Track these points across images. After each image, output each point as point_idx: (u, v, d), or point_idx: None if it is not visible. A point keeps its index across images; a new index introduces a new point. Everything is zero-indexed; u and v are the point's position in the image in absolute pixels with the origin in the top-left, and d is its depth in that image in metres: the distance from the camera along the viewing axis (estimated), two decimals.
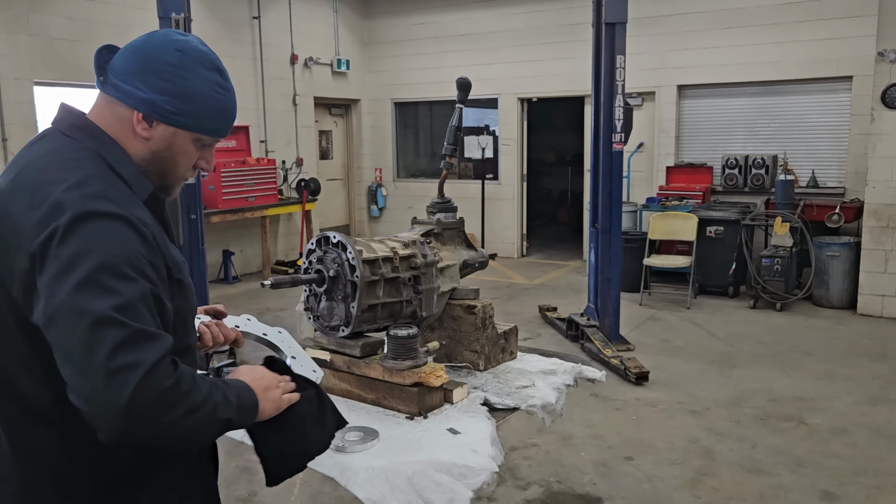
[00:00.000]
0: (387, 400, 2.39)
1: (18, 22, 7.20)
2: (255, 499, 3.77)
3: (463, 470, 2.00)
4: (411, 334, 2.36)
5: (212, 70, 1.45)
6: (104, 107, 1.44)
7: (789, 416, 4.80)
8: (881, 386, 5.33)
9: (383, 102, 11.70)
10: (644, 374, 5.39)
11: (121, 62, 1.41)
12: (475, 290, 2.83)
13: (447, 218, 2.87)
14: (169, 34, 1.44)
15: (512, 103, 10.61)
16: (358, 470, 1.99)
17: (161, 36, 1.44)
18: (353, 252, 2.34)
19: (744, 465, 4.10)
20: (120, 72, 1.41)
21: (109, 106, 1.43)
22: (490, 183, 10.70)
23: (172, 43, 1.41)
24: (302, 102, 10.48)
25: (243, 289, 8.89)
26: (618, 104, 6.06)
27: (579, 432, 4.53)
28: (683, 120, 9.39)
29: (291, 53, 10.25)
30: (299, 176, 10.25)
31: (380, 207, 11.89)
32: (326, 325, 2.47)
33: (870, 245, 7.26)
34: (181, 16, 5.50)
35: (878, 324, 7.01)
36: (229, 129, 1.52)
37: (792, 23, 8.44)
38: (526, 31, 10.27)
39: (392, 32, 11.42)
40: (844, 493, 3.79)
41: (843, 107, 8.36)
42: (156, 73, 1.39)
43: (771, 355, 6.07)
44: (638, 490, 3.86)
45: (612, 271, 6.28)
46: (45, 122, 7.37)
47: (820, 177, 8.54)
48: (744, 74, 8.81)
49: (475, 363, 2.74)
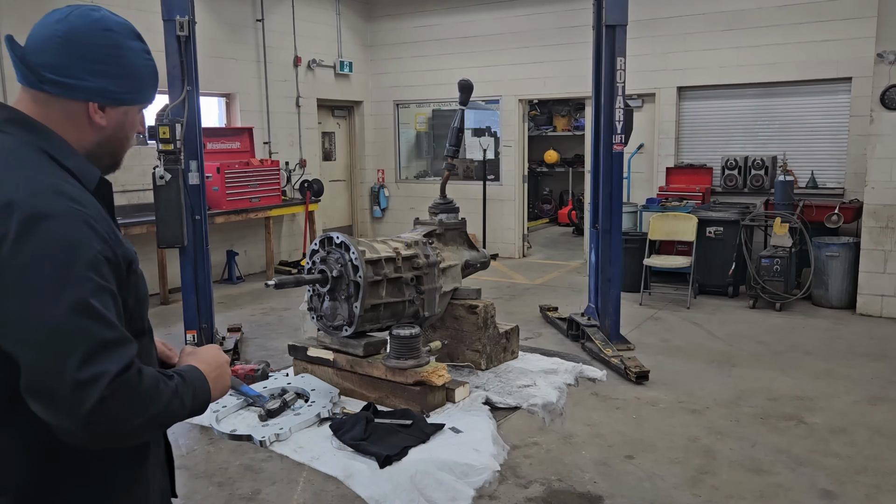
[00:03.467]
0: (389, 399, 2.42)
1: (24, 24, 7.20)
2: (258, 496, 3.80)
3: (465, 468, 2.01)
4: (414, 334, 2.39)
5: (136, 39, 1.44)
6: (41, 105, 1.37)
7: (789, 415, 4.82)
8: (880, 385, 5.36)
9: (386, 104, 11.74)
10: (644, 374, 5.43)
11: (52, 56, 1.34)
12: (477, 290, 2.86)
13: (449, 218, 2.90)
14: (85, 13, 1.38)
15: (513, 105, 10.64)
16: (360, 468, 2.01)
17: (79, 18, 1.37)
18: (356, 252, 2.37)
19: (744, 464, 4.13)
20: (56, 66, 1.34)
21: (49, 103, 1.36)
22: (491, 184, 10.73)
23: (98, 23, 1.37)
24: (305, 104, 10.52)
25: (247, 289, 8.93)
26: (618, 106, 6.08)
27: (580, 431, 4.56)
28: (683, 121, 9.41)
29: (295, 56, 10.29)
30: (302, 177, 10.28)
31: (382, 208, 11.93)
32: (330, 324, 2.51)
33: (869, 245, 7.28)
34: (185, 18, 5.52)
35: (878, 324, 7.04)
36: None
37: (791, 24, 8.47)
38: (527, 33, 10.29)
39: (394, 35, 11.45)
40: (844, 491, 3.82)
41: (843, 108, 8.38)
42: (97, 60, 1.36)
43: (770, 355, 6.10)
44: (638, 488, 3.88)
45: (612, 271, 6.31)
46: None
47: (819, 177, 8.57)
48: (743, 76, 8.84)
49: (477, 362, 2.77)
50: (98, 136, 1.41)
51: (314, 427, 2.22)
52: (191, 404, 1.36)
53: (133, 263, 1.36)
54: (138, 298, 1.39)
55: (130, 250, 1.37)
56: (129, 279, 1.34)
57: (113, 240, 1.30)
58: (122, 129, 1.45)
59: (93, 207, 1.30)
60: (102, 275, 1.24)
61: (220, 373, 1.51)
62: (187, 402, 1.34)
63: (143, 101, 1.47)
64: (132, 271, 1.36)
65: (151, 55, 1.48)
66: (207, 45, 8.17)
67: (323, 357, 2.57)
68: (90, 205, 1.30)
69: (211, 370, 1.47)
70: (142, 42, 1.46)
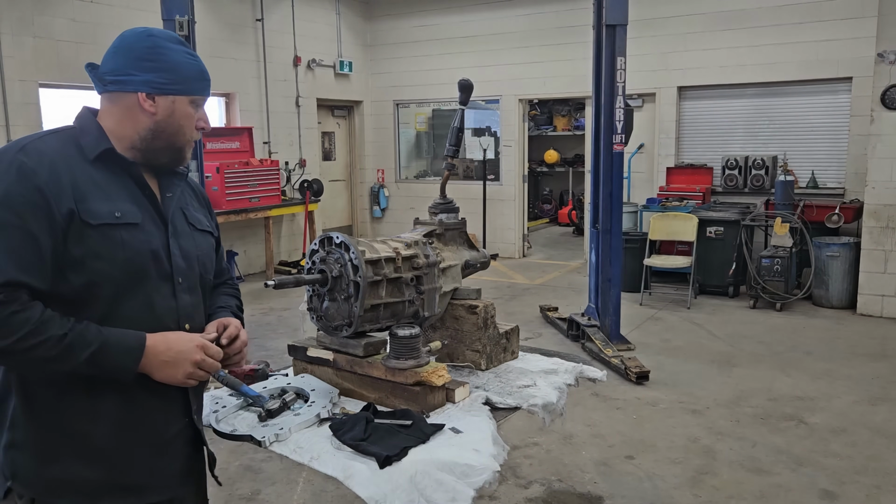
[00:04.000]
0: (389, 399, 2.41)
1: (23, 24, 7.24)
2: (258, 497, 3.80)
3: (465, 469, 2.01)
4: (413, 334, 2.38)
5: (178, 44, 1.72)
6: (109, 103, 1.70)
7: (789, 415, 4.82)
8: (881, 385, 5.35)
9: (385, 104, 11.73)
10: (644, 374, 5.42)
11: (108, 64, 1.68)
12: (477, 290, 2.85)
13: (449, 218, 2.89)
14: (134, 29, 1.71)
15: (513, 104, 10.63)
16: (360, 469, 2.01)
17: (129, 32, 1.70)
18: (356, 252, 2.36)
19: (744, 465, 4.12)
20: (112, 71, 1.66)
21: (113, 100, 1.68)
22: (491, 184, 10.73)
23: (142, 32, 1.69)
24: (305, 104, 10.52)
25: (247, 289, 8.91)
26: (618, 105, 6.08)
27: (580, 431, 4.55)
28: (683, 121, 9.41)
29: (294, 55, 10.28)
30: (302, 177, 10.28)
31: (382, 208, 11.92)
32: (329, 324, 2.50)
33: (869, 245, 7.28)
34: (185, 18, 5.54)
35: (878, 324, 7.04)
36: (210, 88, 1.78)
37: (791, 24, 8.46)
38: (527, 33, 10.29)
39: (394, 34, 11.45)
40: (844, 492, 3.82)
41: (843, 108, 8.38)
42: (141, 58, 1.66)
43: (771, 355, 6.09)
44: (638, 489, 3.88)
45: (612, 271, 6.30)
46: (50, 123, 7.43)
47: (819, 177, 8.57)
48: (744, 76, 8.84)
49: (477, 363, 2.76)
50: (151, 122, 1.68)
51: (314, 427, 2.22)
52: (86, 360, 1.52)
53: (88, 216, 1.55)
54: (97, 254, 1.56)
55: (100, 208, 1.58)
56: (72, 229, 1.53)
57: (55, 192, 1.52)
58: (172, 116, 1.69)
59: (46, 165, 1.54)
60: (17, 213, 1.49)
61: (172, 359, 1.62)
62: (79, 356, 1.51)
63: (189, 93, 1.71)
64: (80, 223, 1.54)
65: (196, 57, 1.75)
66: (207, 45, 8.18)
67: (322, 357, 2.56)
68: (45, 162, 1.55)
69: (161, 352, 1.61)
70: (185, 46, 1.74)
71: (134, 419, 1.67)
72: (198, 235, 1.84)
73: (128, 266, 1.61)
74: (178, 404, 1.75)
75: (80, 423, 1.62)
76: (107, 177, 1.64)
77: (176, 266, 1.72)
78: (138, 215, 1.65)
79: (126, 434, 1.66)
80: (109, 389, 1.62)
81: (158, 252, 1.68)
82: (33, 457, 1.61)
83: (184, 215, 1.81)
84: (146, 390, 1.66)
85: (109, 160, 1.65)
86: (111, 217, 1.59)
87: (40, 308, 1.50)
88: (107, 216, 1.59)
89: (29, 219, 1.50)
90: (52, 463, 1.62)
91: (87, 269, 1.56)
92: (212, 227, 1.94)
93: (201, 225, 1.87)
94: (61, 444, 1.61)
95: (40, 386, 1.60)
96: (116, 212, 1.61)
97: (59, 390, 1.60)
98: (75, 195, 1.55)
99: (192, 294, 1.77)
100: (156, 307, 1.67)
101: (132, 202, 1.66)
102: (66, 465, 1.62)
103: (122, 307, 1.62)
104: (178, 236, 1.75)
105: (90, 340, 1.53)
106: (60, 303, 1.55)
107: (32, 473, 1.62)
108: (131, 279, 1.62)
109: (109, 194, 1.62)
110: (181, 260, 1.74)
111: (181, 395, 1.75)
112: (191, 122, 1.73)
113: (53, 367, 1.53)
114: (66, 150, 1.61)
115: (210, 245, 1.90)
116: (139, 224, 1.64)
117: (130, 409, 1.65)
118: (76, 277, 1.55)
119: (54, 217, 1.52)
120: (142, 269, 1.63)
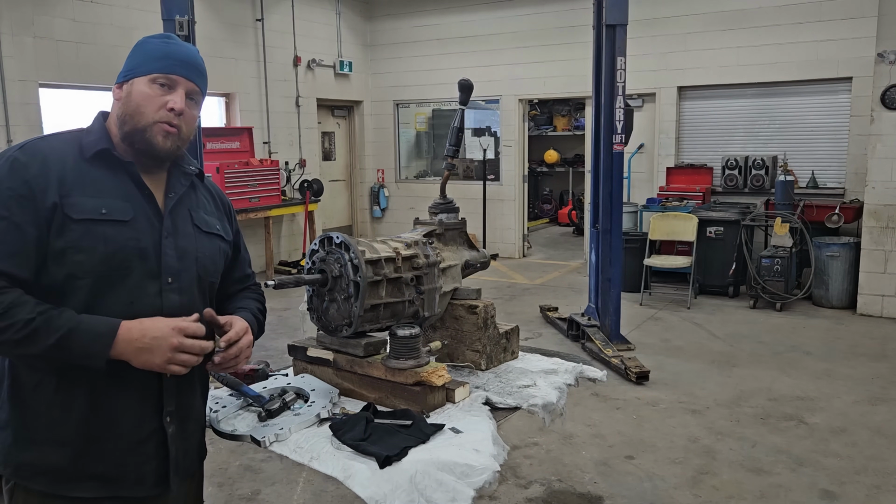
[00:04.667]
0: (389, 399, 2.41)
1: (24, 24, 7.24)
2: (258, 497, 3.79)
3: (465, 469, 2.00)
4: (413, 334, 2.38)
5: (161, 37, 1.77)
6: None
7: (789, 415, 4.82)
8: (881, 385, 5.35)
9: (385, 104, 11.73)
10: (644, 374, 5.42)
11: None
12: (477, 290, 2.85)
13: (449, 218, 2.89)
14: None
15: (513, 104, 10.63)
16: (360, 469, 2.01)
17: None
18: (356, 252, 2.36)
19: (744, 465, 4.12)
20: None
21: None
22: (491, 184, 10.73)
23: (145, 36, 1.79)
24: (305, 104, 10.52)
25: None
26: (618, 105, 6.08)
27: (580, 431, 4.55)
28: (683, 121, 9.41)
29: (294, 55, 10.28)
30: (302, 177, 10.28)
31: (382, 208, 11.92)
32: (329, 324, 2.50)
33: (869, 245, 7.28)
34: (185, 18, 5.52)
35: (878, 324, 7.04)
36: (180, 68, 1.73)
37: (791, 24, 8.46)
38: (527, 33, 10.29)
39: (394, 34, 11.45)
40: (844, 492, 3.82)
41: (843, 108, 8.38)
42: (128, 56, 1.76)
43: (771, 355, 6.09)
44: (638, 489, 3.88)
45: (612, 271, 6.30)
46: (50, 123, 7.42)
47: (820, 177, 8.57)
48: (744, 76, 8.84)
49: (477, 363, 2.76)
50: (118, 109, 1.73)
51: (314, 427, 2.22)
52: (53, 344, 1.53)
53: (72, 211, 1.59)
54: (77, 248, 1.59)
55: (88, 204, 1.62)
56: (55, 222, 1.58)
57: (42, 185, 1.58)
58: (129, 98, 1.70)
59: (38, 160, 1.61)
60: (4, 205, 1.55)
61: (147, 345, 1.60)
62: (45, 340, 1.53)
63: (146, 72, 1.70)
64: (63, 216, 1.59)
65: (173, 42, 1.75)
66: (207, 45, 8.17)
67: (322, 357, 2.56)
68: (37, 158, 1.61)
69: (135, 339, 1.59)
70: (167, 38, 1.77)
71: (104, 413, 1.67)
72: (202, 237, 1.82)
73: (109, 261, 1.62)
74: (150, 404, 1.73)
75: (54, 410, 1.64)
76: (103, 175, 1.68)
77: (166, 265, 1.70)
78: (129, 213, 1.67)
79: (95, 429, 1.66)
80: (82, 381, 1.64)
81: (147, 250, 1.68)
82: (14, 439, 1.66)
83: (190, 216, 1.80)
84: (117, 387, 1.67)
85: (107, 159, 1.69)
86: (96, 213, 1.63)
87: (15, 294, 1.54)
88: (91, 212, 1.62)
89: (15, 209, 1.56)
90: (28, 446, 1.65)
91: (67, 261, 1.59)
92: (224, 232, 1.91)
93: (209, 228, 1.85)
94: (36, 428, 1.65)
95: (24, 371, 1.65)
96: (103, 208, 1.64)
97: (39, 377, 1.64)
98: (61, 190, 1.61)
99: (182, 295, 1.74)
100: (136, 304, 1.66)
101: (125, 200, 1.68)
102: (40, 449, 1.65)
103: (102, 302, 1.63)
104: (177, 236, 1.74)
105: (59, 326, 1.54)
106: (44, 293, 1.58)
107: (11, 456, 1.67)
108: (112, 274, 1.63)
109: (101, 191, 1.65)
110: (174, 260, 1.72)
111: (155, 395, 1.73)
112: (151, 102, 1.69)
113: (22, 350, 1.56)
114: (65, 149, 1.66)
115: (216, 248, 1.87)
116: (128, 221, 1.66)
117: (101, 403, 1.66)
118: (57, 269, 1.59)
119: (39, 209, 1.57)
120: (124, 265, 1.64)
